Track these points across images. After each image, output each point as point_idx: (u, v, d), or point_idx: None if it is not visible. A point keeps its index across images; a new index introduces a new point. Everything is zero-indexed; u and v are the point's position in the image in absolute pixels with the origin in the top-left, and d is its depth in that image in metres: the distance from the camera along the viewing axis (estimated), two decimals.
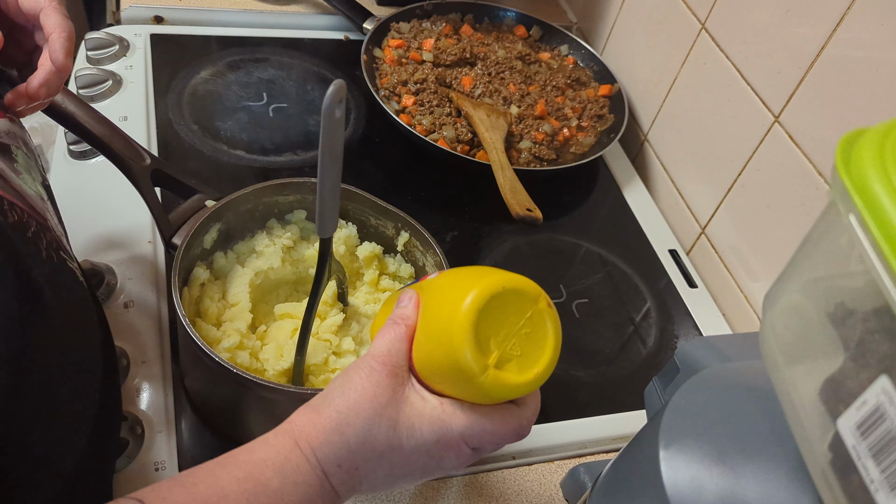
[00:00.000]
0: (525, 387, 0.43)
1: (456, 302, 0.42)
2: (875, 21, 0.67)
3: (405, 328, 0.45)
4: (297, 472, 0.41)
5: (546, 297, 0.44)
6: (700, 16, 0.93)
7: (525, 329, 0.43)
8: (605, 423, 0.75)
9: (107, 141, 0.66)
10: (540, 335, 0.43)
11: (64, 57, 0.52)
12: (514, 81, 1.05)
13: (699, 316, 0.88)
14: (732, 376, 0.47)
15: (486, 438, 0.44)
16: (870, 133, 0.34)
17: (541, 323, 0.43)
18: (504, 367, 0.42)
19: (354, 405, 0.42)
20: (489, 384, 0.41)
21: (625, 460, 0.48)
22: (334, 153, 0.48)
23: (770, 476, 0.39)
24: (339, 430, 0.42)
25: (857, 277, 0.34)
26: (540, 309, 0.43)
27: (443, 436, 0.43)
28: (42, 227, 0.49)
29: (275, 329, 0.67)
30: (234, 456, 0.41)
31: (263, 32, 1.09)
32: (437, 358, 0.43)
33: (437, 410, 0.43)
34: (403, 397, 0.43)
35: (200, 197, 0.69)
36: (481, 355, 0.41)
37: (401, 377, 0.44)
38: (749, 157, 0.85)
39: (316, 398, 0.44)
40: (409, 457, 0.43)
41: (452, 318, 0.41)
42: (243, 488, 0.39)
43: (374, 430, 0.42)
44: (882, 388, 0.31)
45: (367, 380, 0.43)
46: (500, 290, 0.42)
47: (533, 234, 0.92)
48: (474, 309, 0.41)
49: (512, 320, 0.43)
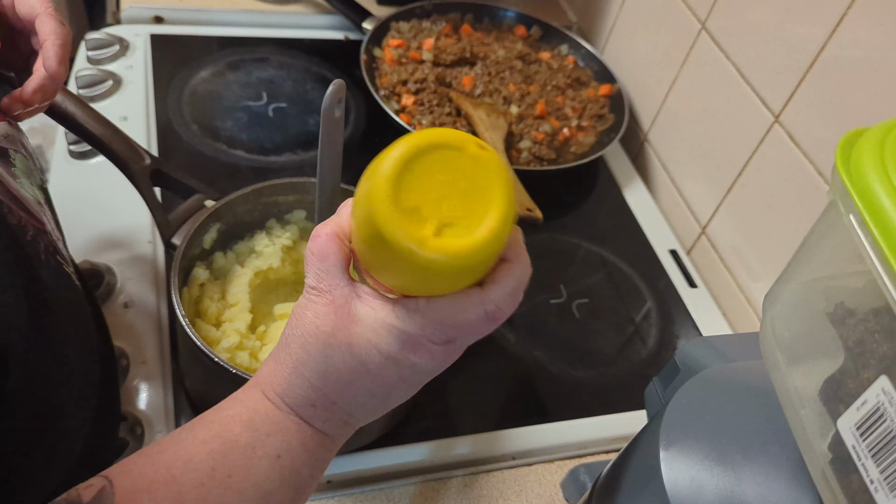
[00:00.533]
0: (481, 248, 0.35)
1: (371, 186, 0.35)
2: (875, 21, 0.67)
3: (333, 240, 0.40)
4: (269, 423, 0.39)
5: (475, 141, 0.36)
6: (700, 16, 0.93)
7: (461, 184, 0.35)
8: (605, 424, 0.75)
9: (107, 141, 0.66)
10: (481, 185, 0.36)
11: (57, 64, 0.52)
12: (514, 81, 1.05)
13: (699, 316, 0.88)
14: (732, 376, 0.47)
15: (452, 332, 0.39)
16: (870, 133, 0.34)
17: (479, 170, 0.36)
18: (446, 234, 0.35)
19: (303, 342, 0.40)
20: (433, 258, 0.34)
21: (625, 460, 0.48)
22: (334, 153, 0.48)
23: (770, 476, 0.39)
24: (297, 371, 0.40)
25: (857, 277, 0.34)
26: (471, 155, 0.36)
27: (403, 342, 0.39)
28: (39, 230, 0.49)
29: (274, 329, 0.67)
30: (202, 417, 0.40)
31: (263, 32, 1.09)
32: (375, 254, 0.37)
33: (390, 317, 0.39)
34: (351, 316, 0.39)
35: (200, 197, 0.69)
36: (413, 227, 0.34)
37: (341, 297, 0.40)
38: (749, 157, 0.85)
39: (276, 346, 0.42)
40: (381, 373, 0.40)
41: (370, 204, 0.35)
42: (209, 448, 0.38)
43: (331, 360, 0.39)
44: (882, 389, 0.31)
45: (308, 312, 0.40)
46: (413, 152, 0.35)
47: (533, 234, 0.92)
48: (388, 181, 0.34)
49: (441, 179, 0.35)
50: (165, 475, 0.37)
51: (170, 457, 0.38)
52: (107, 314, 0.71)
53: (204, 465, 0.37)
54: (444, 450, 0.69)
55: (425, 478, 0.67)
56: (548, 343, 0.81)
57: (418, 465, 0.68)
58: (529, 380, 0.77)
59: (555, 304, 0.85)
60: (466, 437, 0.70)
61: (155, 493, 0.36)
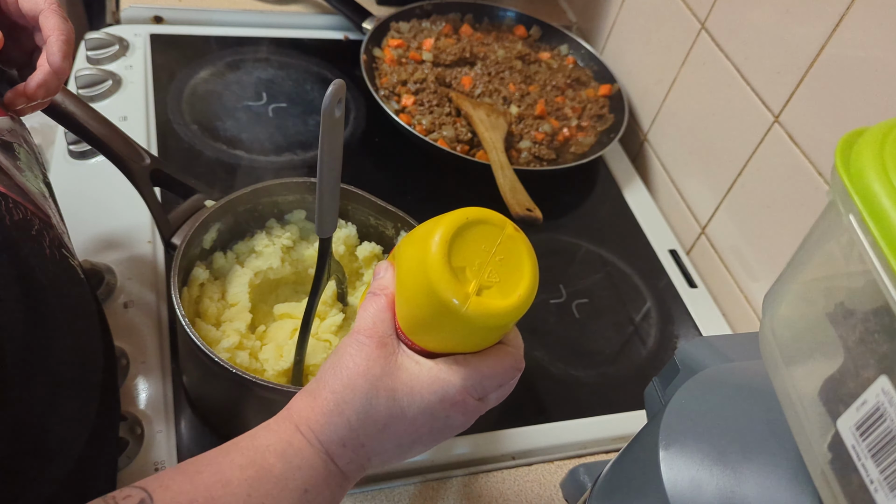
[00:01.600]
0: (513, 311, 0.42)
1: (424, 247, 0.42)
2: (875, 21, 0.67)
3: (384, 297, 0.45)
4: (300, 457, 0.41)
5: (512, 224, 0.44)
6: (700, 16, 0.93)
7: (498, 256, 0.43)
8: (605, 424, 0.75)
9: (106, 141, 0.66)
10: (515, 260, 0.43)
11: (61, 59, 0.52)
12: (513, 81, 1.05)
13: (699, 316, 0.88)
14: (732, 376, 0.47)
15: (488, 383, 0.44)
16: (870, 133, 0.34)
17: (513, 247, 0.43)
18: (485, 295, 0.41)
19: (349, 383, 0.42)
20: (474, 313, 0.41)
21: (625, 460, 0.48)
22: (334, 153, 0.48)
23: (770, 476, 0.39)
24: (339, 410, 0.41)
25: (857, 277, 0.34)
26: (509, 234, 0.43)
27: (445, 394, 0.42)
28: (45, 224, 0.49)
29: (274, 329, 0.67)
30: (237, 443, 0.41)
31: (263, 32, 1.09)
32: (419, 308, 0.43)
33: (434, 370, 0.43)
34: (397, 365, 0.43)
35: (200, 197, 0.69)
36: (459, 285, 0.41)
37: (390, 346, 0.43)
38: (749, 157, 0.85)
39: (311, 383, 0.44)
40: (414, 422, 0.43)
41: (424, 261, 0.41)
42: (246, 475, 0.39)
43: (374, 402, 0.41)
44: (882, 388, 0.31)
45: (358, 355, 0.42)
46: (464, 222, 0.42)
47: (533, 234, 0.91)
48: (443, 243, 0.41)
49: (483, 249, 0.42)
50: (205, 495, 0.38)
51: (208, 478, 0.39)
52: (107, 314, 0.71)
53: (240, 490, 0.39)
54: (444, 450, 0.69)
55: (425, 478, 0.67)
56: (548, 343, 0.81)
57: (418, 465, 0.68)
58: (529, 380, 0.77)
59: (555, 304, 0.85)
60: (466, 437, 0.70)
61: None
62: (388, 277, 0.46)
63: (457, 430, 0.45)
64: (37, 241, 0.47)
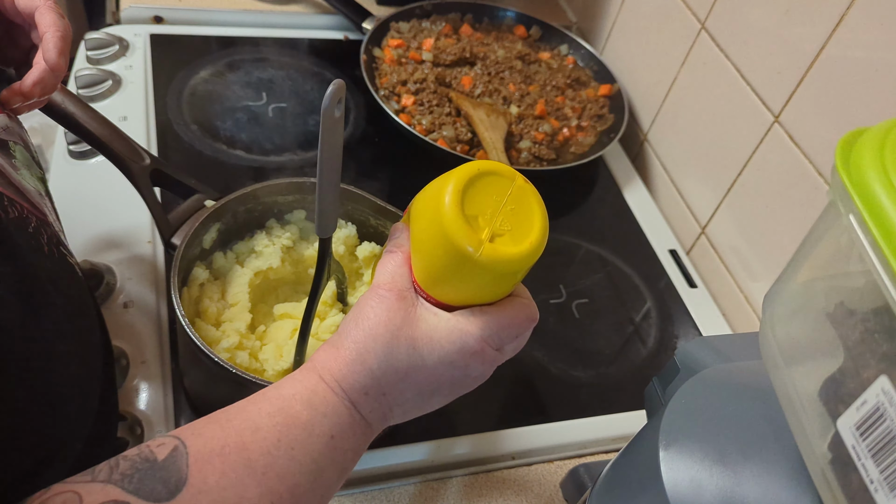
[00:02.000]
0: (525, 257, 0.43)
1: (438, 198, 0.43)
2: (875, 21, 0.67)
3: (401, 254, 0.46)
4: (325, 404, 0.42)
5: (522, 175, 0.45)
6: (700, 16, 0.93)
7: (509, 205, 0.44)
8: (605, 423, 0.75)
9: (106, 141, 0.66)
10: (525, 209, 0.44)
11: (56, 56, 0.52)
12: (513, 81, 1.05)
13: (699, 316, 0.88)
14: (732, 376, 0.47)
15: (505, 333, 0.45)
16: (870, 133, 0.34)
17: (523, 198, 0.44)
18: (498, 242, 0.43)
19: (371, 332, 0.43)
20: (487, 259, 0.42)
21: (625, 460, 0.48)
22: (334, 153, 0.48)
23: (770, 476, 0.39)
24: (361, 359, 0.43)
25: (857, 277, 0.34)
26: (519, 185, 0.44)
27: (464, 344, 0.44)
28: (42, 222, 0.49)
29: (274, 329, 0.67)
30: (264, 393, 0.42)
31: (263, 32, 1.09)
32: (435, 259, 0.44)
33: (452, 321, 0.44)
34: (417, 316, 0.44)
35: (200, 197, 0.69)
36: (473, 232, 0.42)
37: (409, 299, 0.44)
38: (749, 157, 0.85)
39: (333, 336, 0.45)
40: (435, 372, 0.44)
41: (438, 210, 0.42)
42: (275, 421, 0.40)
43: (395, 352, 0.43)
44: (882, 388, 0.31)
45: (379, 307, 0.43)
46: (475, 173, 0.43)
47: None
48: (456, 192, 0.42)
49: (494, 199, 0.43)
50: (237, 440, 0.39)
51: (239, 424, 0.40)
52: (107, 314, 0.71)
53: (271, 435, 0.40)
54: (444, 450, 0.69)
55: (425, 478, 0.67)
56: (548, 343, 0.81)
57: (418, 465, 0.68)
58: (529, 380, 0.77)
59: (555, 304, 0.85)
60: (466, 437, 0.70)
61: (227, 456, 0.38)
62: (404, 235, 0.47)
63: (476, 380, 0.46)
64: (35, 239, 0.47)
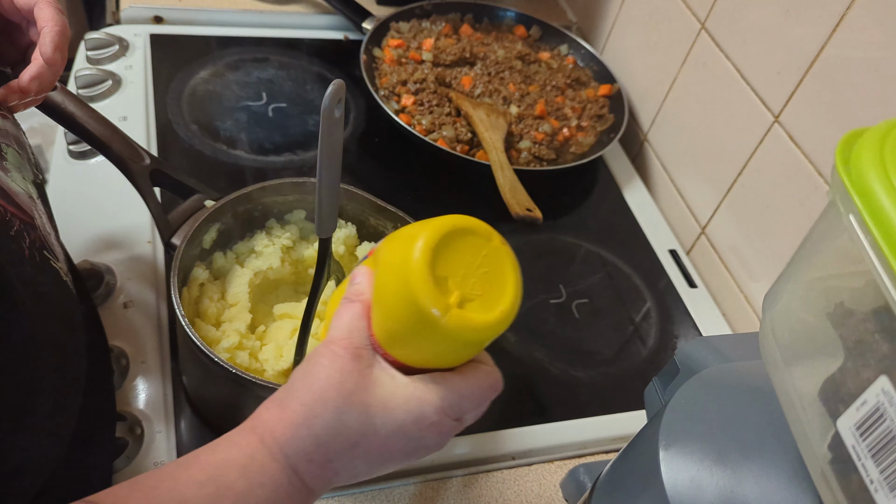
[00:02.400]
0: (494, 326, 0.40)
1: (406, 252, 0.39)
2: (875, 21, 0.67)
3: (360, 304, 0.42)
4: (263, 472, 0.38)
5: (499, 236, 0.42)
6: (700, 16, 0.92)
7: (482, 268, 0.41)
8: (605, 423, 0.75)
9: (106, 141, 0.66)
10: (499, 273, 0.41)
11: (52, 50, 0.51)
12: (513, 81, 1.05)
13: (699, 316, 0.88)
14: (732, 376, 0.47)
15: (466, 403, 0.42)
16: (870, 133, 0.34)
17: (498, 261, 0.41)
18: (467, 308, 0.39)
19: (321, 395, 0.39)
20: (454, 325, 0.39)
21: (625, 460, 0.48)
22: (333, 153, 0.48)
23: (770, 476, 0.39)
24: (307, 423, 0.39)
25: (857, 277, 0.34)
26: (495, 247, 0.41)
27: (421, 413, 0.40)
28: (27, 225, 0.48)
29: (274, 329, 0.67)
30: (196, 457, 0.39)
31: (263, 32, 1.09)
32: (397, 318, 0.41)
33: (410, 388, 0.40)
34: (372, 379, 0.40)
35: (200, 197, 0.69)
36: (441, 294, 0.39)
37: (365, 358, 0.41)
38: (749, 157, 0.85)
39: (279, 392, 0.41)
40: (387, 442, 0.40)
41: (406, 266, 0.39)
42: (205, 492, 0.37)
43: (345, 419, 0.39)
44: (882, 389, 0.31)
45: (331, 366, 0.40)
46: (450, 230, 0.40)
47: (533, 234, 0.92)
48: (427, 249, 0.39)
49: (467, 261, 0.40)
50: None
51: (164, 495, 0.37)
52: (106, 314, 0.71)
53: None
54: (444, 450, 0.68)
55: (425, 478, 0.67)
56: (548, 343, 0.81)
57: (418, 465, 0.68)
58: (529, 380, 0.77)
59: (555, 304, 0.85)
60: (466, 437, 0.70)
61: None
62: (365, 283, 0.43)
63: (430, 450, 0.43)
64: (15, 242, 0.46)
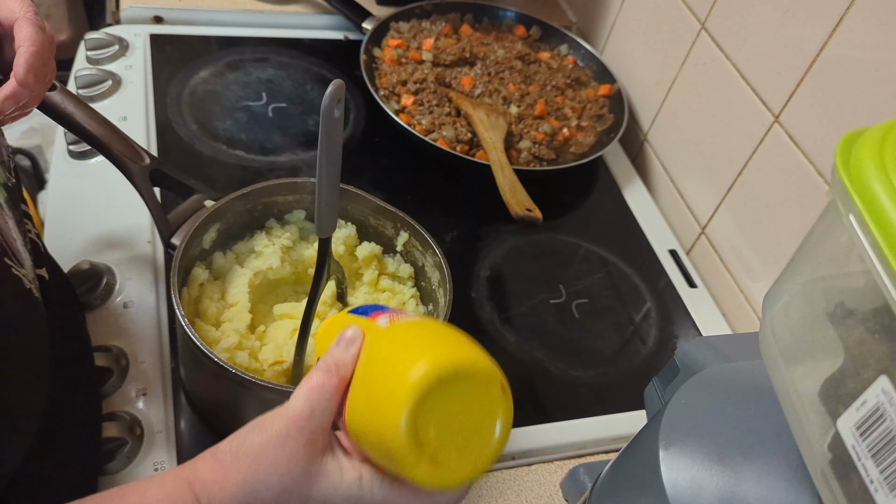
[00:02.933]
0: (463, 481, 0.38)
1: (401, 375, 0.36)
2: (875, 21, 0.67)
3: (337, 381, 0.40)
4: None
5: (501, 381, 0.38)
6: (700, 16, 0.92)
7: (472, 418, 0.38)
8: (605, 423, 0.75)
9: (106, 141, 0.66)
10: (487, 425, 0.38)
11: (24, 73, 0.50)
12: (513, 81, 1.05)
13: (699, 316, 0.88)
14: (732, 376, 0.47)
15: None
16: (870, 133, 0.34)
17: (491, 411, 0.38)
18: (440, 459, 0.37)
19: (264, 478, 0.38)
20: (421, 477, 0.37)
21: (625, 460, 0.48)
22: (333, 153, 0.48)
23: (770, 476, 0.39)
24: (245, 501, 0.38)
25: (857, 277, 0.34)
26: (493, 397, 0.38)
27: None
28: None
29: (274, 329, 0.67)
30: (123, 496, 0.38)
31: (263, 32, 1.09)
32: (368, 427, 0.39)
33: (355, 486, 0.39)
34: (320, 469, 0.39)
35: (199, 197, 0.69)
36: (418, 447, 0.36)
37: (319, 445, 0.39)
38: (749, 157, 0.85)
39: (224, 448, 0.40)
40: None
41: (392, 397, 0.36)
42: None
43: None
44: (882, 388, 0.31)
45: (281, 449, 0.38)
46: (450, 374, 0.36)
47: (532, 234, 0.92)
48: (416, 395, 0.36)
49: (458, 409, 0.37)
50: None
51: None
52: (106, 314, 0.71)
53: None
54: None
55: None
56: (547, 343, 0.81)
57: None
58: (529, 380, 0.77)
59: (554, 304, 0.85)
60: None
61: None
62: (350, 356, 0.40)
63: None
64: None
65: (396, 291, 0.72)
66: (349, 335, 0.41)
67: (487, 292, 0.84)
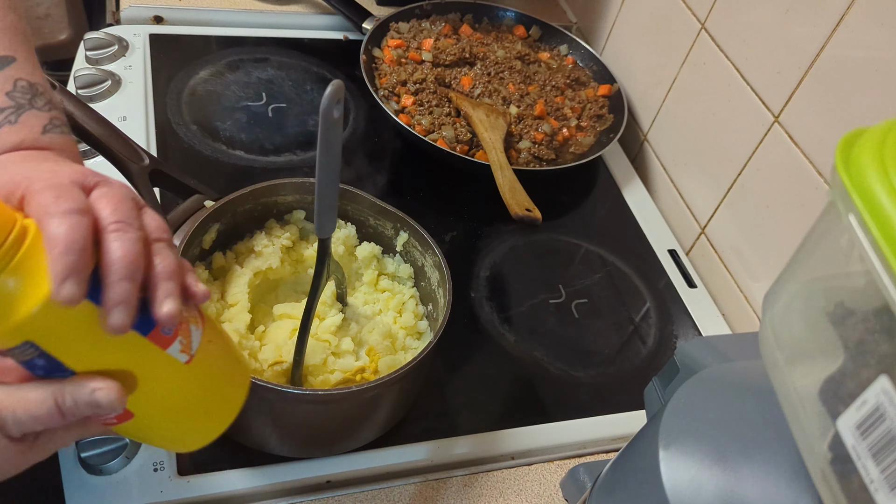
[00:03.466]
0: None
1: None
2: (875, 21, 0.67)
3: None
4: None
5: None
6: (700, 16, 0.92)
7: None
8: (605, 423, 0.75)
9: (105, 141, 0.66)
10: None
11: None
12: (513, 81, 1.05)
13: (699, 316, 0.88)
14: (732, 376, 0.47)
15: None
16: (870, 133, 0.34)
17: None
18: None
19: None
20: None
21: (624, 460, 0.48)
22: (333, 153, 0.48)
23: (770, 476, 0.39)
24: None
25: (856, 277, 0.34)
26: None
27: None
28: None
29: (274, 329, 0.67)
30: None
31: (263, 32, 1.09)
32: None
33: None
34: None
35: (199, 197, 0.69)
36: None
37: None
38: (749, 157, 0.85)
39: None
40: None
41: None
42: None
43: None
44: (882, 388, 0.31)
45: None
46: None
47: (532, 234, 0.92)
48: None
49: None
50: None
51: None
52: None
53: None
54: (443, 450, 0.69)
55: (425, 478, 0.67)
56: (547, 343, 0.81)
57: (418, 465, 0.68)
58: (529, 380, 0.77)
59: (554, 304, 0.85)
60: (466, 437, 0.70)
61: None
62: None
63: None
64: None
65: (396, 291, 0.72)
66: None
67: (487, 292, 0.84)
